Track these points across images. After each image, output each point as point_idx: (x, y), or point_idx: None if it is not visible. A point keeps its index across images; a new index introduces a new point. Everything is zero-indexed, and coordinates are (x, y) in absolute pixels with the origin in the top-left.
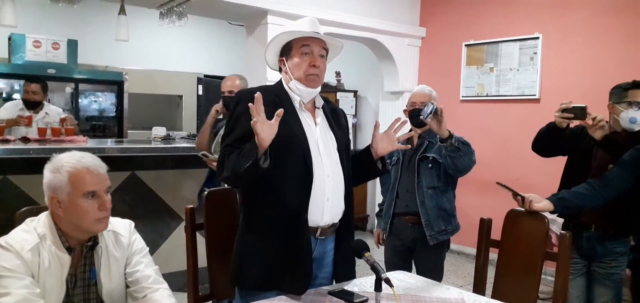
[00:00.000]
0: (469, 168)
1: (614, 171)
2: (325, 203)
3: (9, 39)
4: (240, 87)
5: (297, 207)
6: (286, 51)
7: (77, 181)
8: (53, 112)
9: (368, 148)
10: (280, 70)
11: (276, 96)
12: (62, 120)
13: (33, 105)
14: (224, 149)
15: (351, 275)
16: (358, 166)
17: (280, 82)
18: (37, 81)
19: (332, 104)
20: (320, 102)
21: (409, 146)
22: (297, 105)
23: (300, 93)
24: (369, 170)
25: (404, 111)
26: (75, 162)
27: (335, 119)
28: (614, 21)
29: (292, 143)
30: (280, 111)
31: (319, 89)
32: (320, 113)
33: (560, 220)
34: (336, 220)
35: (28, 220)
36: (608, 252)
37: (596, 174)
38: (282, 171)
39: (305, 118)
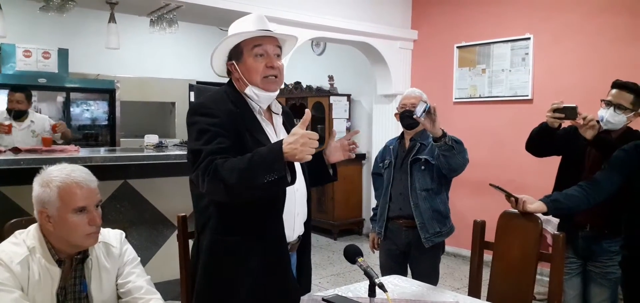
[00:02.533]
0: (462, 167)
1: (602, 173)
2: (296, 218)
3: None
4: None
5: (274, 226)
6: (236, 54)
7: (66, 196)
8: (39, 120)
9: (320, 154)
10: (228, 74)
11: (233, 104)
12: (54, 127)
13: (18, 114)
14: (208, 155)
15: (308, 285)
16: (311, 171)
17: (231, 87)
18: (21, 90)
19: (283, 106)
20: (278, 108)
21: (353, 156)
22: (256, 113)
23: (258, 99)
24: (322, 176)
25: (395, 114)
26: (64, 176)
27: (291, 124)
28: (604, 22)
29: None
30: (308, 114)
31: (277, 92)
32: (278, 120)
33: (555, 220)
34: (301, 232)
35: (17, 232)
36: (604, 251)
37: (590, 173)
38: None
39: (266, 128)
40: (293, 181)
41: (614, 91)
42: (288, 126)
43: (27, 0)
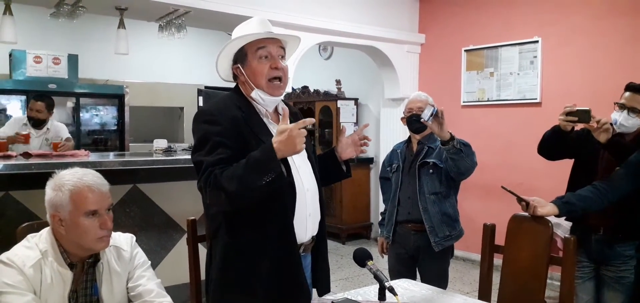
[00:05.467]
0: (471, 170)
1: (618, 173)
2: (308, 218)
3: (10, 55)
4: None
5: (286, 228)
6: (240, 57)
7: (78, 200)
8: (55, 128)
9: (332, 150)
10: (234, 78)
11: (240, 109)
12: (55, 145)
13: (38, 123)
14: (208, 167)
15: (327, 285)
16: (324, 169)
17: (237, 91)
18: (41, 99)
19: (291, 107)
20: (285, 110)
21: (365, 151)
22: (263, 116)
23: (264, 103)
24: (335, 173)
25: (402, 119)
26: (76, 180)
27: None
28: (613, 24)
29: None
30: (310, 119)
31: (282, 96)
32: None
33: (566, 224)
34: (315, 233)
35: (29, 236)
36: (617, 255)
37: (604, 176)
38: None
39: (273, 130)
40: (288, 176)
41: (627, 94)
42: None
43: (37, 7)
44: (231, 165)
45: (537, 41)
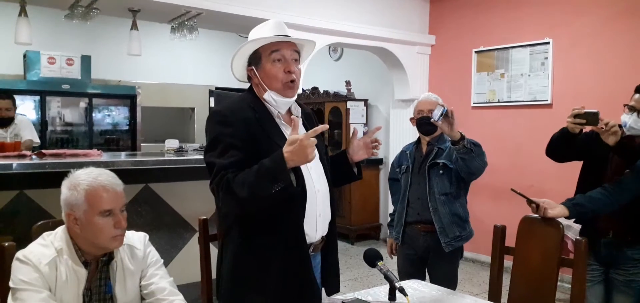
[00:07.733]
0: (481, 170)
1: (627, 175)
2: (318, 219)
3: (24, 56)
4: None
5: (296, 228)
6: (255, 59)
7: (93, 199)
8: (21, 123)
9: (344, 152)
10: (249, 79)
11: (253, 110)
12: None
13: (6, 122)
14: (221, 170)
15: (337, 285)
16: (335, 170)
17: (251, 92)
18: (7, 96)
19: (304, 108)
20: (298, 111)
21: (376, 153)
22: (275, 117)
23: (276, 104)
24: (346, 175)
25: (411, 119)
26: (91, 180)
27: (311, 125)
28: (624, 25)
29: None
30: (323, 126)
31: (294, 97)
32: (298, 122)
33: (576, 226)
34: (325, 233)
35: (45, 234)
36: (627, 259)
37: (612, 179)
38: None
39: (286, 131)
40: (298, 186)
41: (637, 96)
42: (309, 127)
43: (52, 8)
44: (243, 168)
45: (548, 42)
